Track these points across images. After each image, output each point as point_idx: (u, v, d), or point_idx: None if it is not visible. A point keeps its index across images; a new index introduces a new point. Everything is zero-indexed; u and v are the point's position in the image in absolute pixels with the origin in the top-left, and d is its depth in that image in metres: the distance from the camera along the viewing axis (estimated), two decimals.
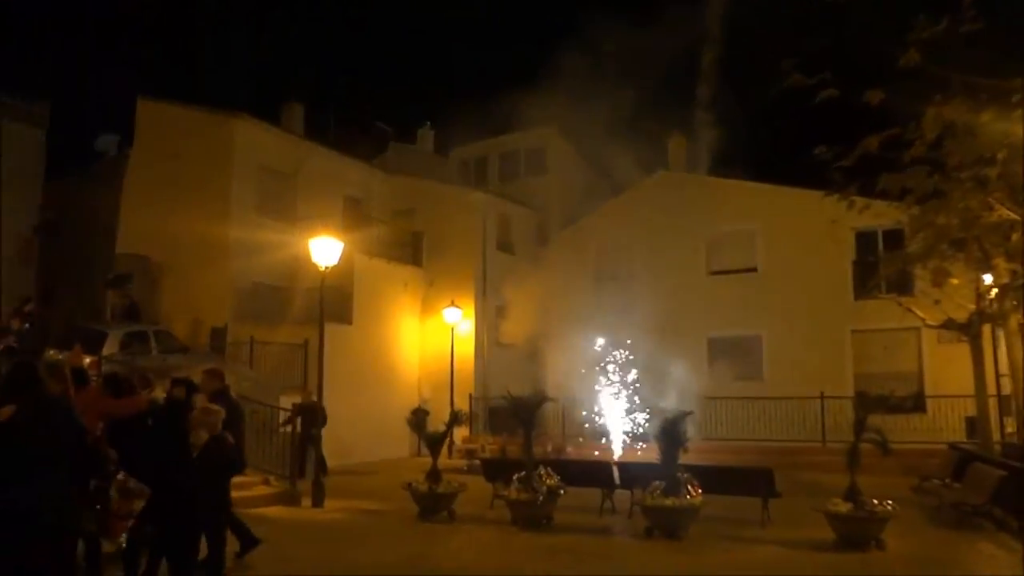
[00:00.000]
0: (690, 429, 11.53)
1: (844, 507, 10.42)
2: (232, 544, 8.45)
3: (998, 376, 18.57)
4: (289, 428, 15.47)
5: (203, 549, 6.94)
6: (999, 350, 19.13)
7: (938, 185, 9.22)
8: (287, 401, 17.01)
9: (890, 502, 10.52)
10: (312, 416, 15.95)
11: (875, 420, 11.55)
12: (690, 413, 11.81)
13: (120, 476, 7.34)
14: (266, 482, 14.31)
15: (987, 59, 6.14)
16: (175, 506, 6.47)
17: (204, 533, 6.83)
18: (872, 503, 10.33)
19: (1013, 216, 10.29)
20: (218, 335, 20.48)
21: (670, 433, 11.32)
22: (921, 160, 8.26)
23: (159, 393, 8.84)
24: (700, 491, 11.23)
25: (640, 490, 11.52)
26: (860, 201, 10.23)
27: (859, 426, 10.91)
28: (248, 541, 9.23)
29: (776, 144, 36.10)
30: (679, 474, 11.24)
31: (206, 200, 21.23)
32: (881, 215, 15.07)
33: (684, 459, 11.60)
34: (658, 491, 11.07)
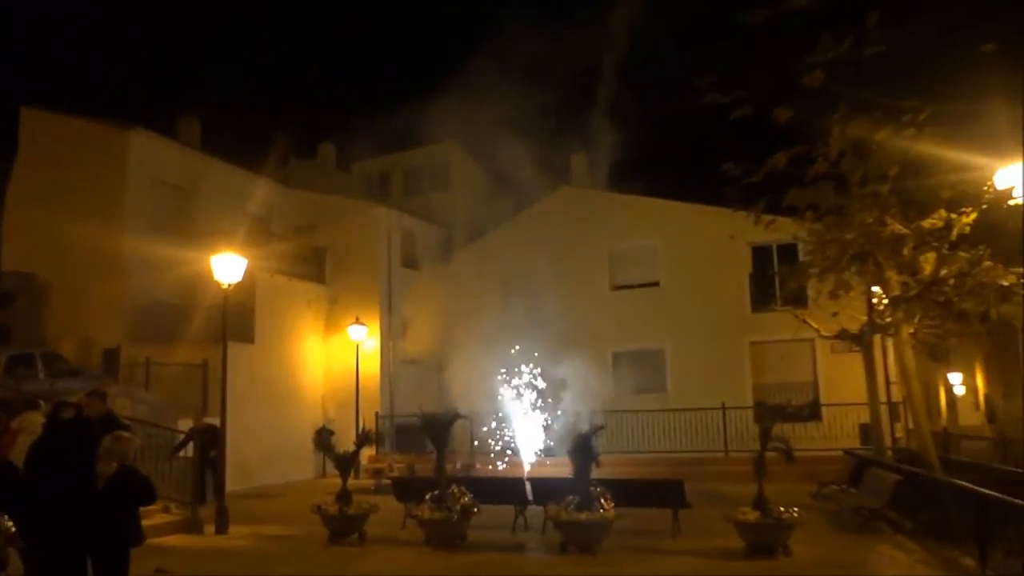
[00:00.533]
0: (600, 443, 11.62)
1: (752, 515, 10.66)
2: None
3: (888, 384, 19.42)
4: (183, 453, 14.89)
5: None
6: (888, 359, 20.06)
7: (839, 201, 9.59)
8: (186, 424, 16.39)
9: (796, 509, 10.81)
10: (211, 439, 15.40)
11: (775, 429, 11.85)
12: (601, 427, 11.90)
13: None
14: (166, 510, 13.71)
15: (889, 79, 6.41)
16: (59, 542, 6.04)
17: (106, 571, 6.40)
18: (779, 510, 10.60)
19: (905, 231, 10.79)
20: (111, 356, 19.60)
21: (583, 448, 11.37)
22: (824, 176, 8.57)
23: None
24: (612, 504, 11.32)
25: (554, 505, 11.52)
26: (766, 217, 10.55)
27: (764, 435, 11.18)
28: None
29: (676, 160, 37.10)
30: (592, 488, 11.29)
31: (98, 215, 20.28)
32: (778, 230, 15.65)
33: (594, 473, 11.68)
34: (572, 506, 11.09)
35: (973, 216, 10.48)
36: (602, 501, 11.18)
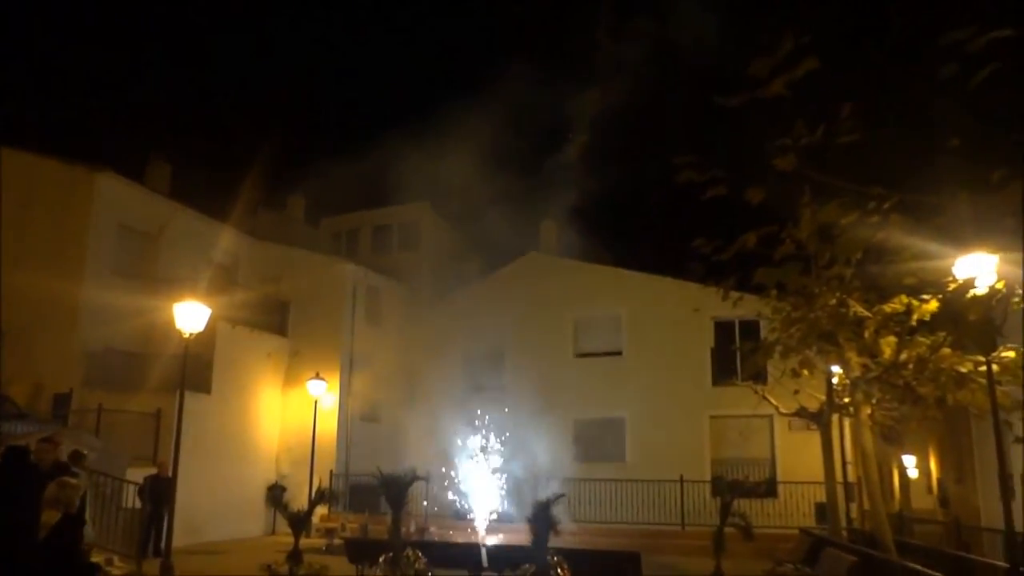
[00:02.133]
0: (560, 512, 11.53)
1: None
2: None
3: (845, 463, 19.57)
4: (129, 504, 14.52)
5: None
6: (845, 439, 20.25)
7: (805, 282, 9.77)
8: (135, 474, 16.00)
9: None
10: (165, 490, 15.05)
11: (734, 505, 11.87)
12: (562, 495, 11.82)
13: None
14: (109, 562, 13.28)
15: (859, 167, 6.62)
16: None
17: None
18: None
19: (867, 314, 11.00)
20: (61, 401, 19.12)
21: (542, 516, 11.26)
22: (792, 257, 8.76)
23: None
24: (570, 574, 11.18)
25: (509, 573, 11.34)
26: (734, 294, 10.72)
27: (724, 510, 11.18)
28: None
29: (643, 233, 37.67)
30: (550, 557, 11.16)
31: (59, 257, 19.97)
32: (743, 307, 15.87)
33: (552, 541, 11.55)
34: (528, 574, 10.93)
35: (933, 304, 10.73)
36: (559, 570, 11.04)
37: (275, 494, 20.70)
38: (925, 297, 10.82)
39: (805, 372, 14.18)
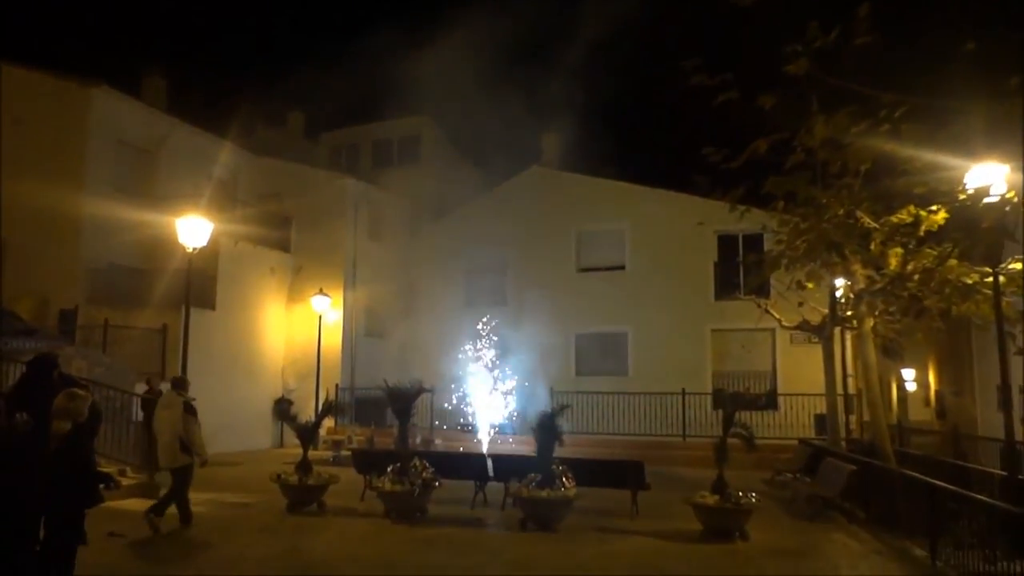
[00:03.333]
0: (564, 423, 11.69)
1: (711, 499, 10.79)
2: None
3: (845, 376, 19.73)
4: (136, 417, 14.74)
5: None
6: (847, 352, 20.38)
7: (815, 192, 9.65)
8: (143, 388, 16.19)
9: (754, 494, 10.96)
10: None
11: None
12: (566, 407, 11.96)
13: None
14: (122, 473, 13.50)
15: (872, 71, 6.45)
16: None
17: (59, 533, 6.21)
18: (737, 495, 10.73)
19: (873, 225, 10.92)
20: (67, 317, 19.22)
21: (547, 427, 11.41)
22: (801, 166, 8.62)
23: None
24: (574, 483, 11.38)
25: (515, 482, 11.55)
26: (740, 207, 10.62)
27: (727, 421, 11.29)
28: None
29: (648, 145, 37.21)
30: (554, 467, 11.34)
31: (58, 173, 19.75)
32: (748, 220, 15.80)
33: (556, 452, 11.74)
34: (533, 483, 11.13)
35: (942, 214, 10.63)
36: (563, 479, 11.24)
37: (282, 407, 21.00)
38: (934, 208, 10.72)
39: (810, 285, 14.18)
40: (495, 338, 21.61)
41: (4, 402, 7.19)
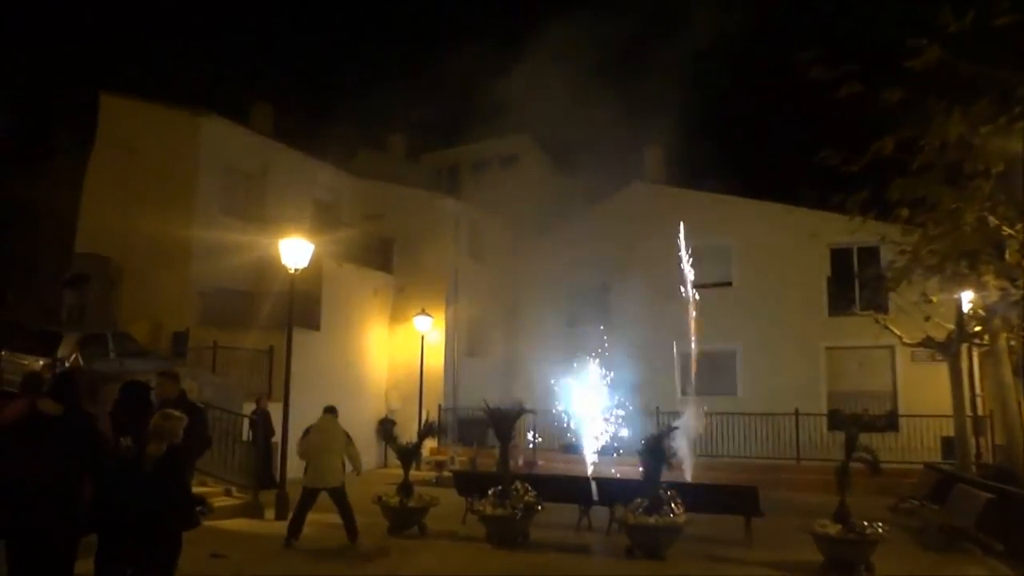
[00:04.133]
0: (681, 445, 11.17)
1: (833, 528, 10.06)
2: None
3: (974, 396, 18.48)
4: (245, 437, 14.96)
5: None
6: (974, 370, 19.10)
7: (948, 194, 8.87)
8: (251, 409, 16.42)
9: (881, 524, 10.19)
10: (264, 423, 15.51)
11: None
12: (675, 428, 11.44)
13: None
14: (228, 493, 13.69)
15: (1020, 56, 5.80)
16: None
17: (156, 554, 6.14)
18: (862, 525, 9.99)
19: (1009, 231, 10.04)
20: (180, 340, 19.70)
21: (654, 449, 10.91)
22: (928, 167, 7.90)
23: None
24: (683, 509, 10.84)
25: (621, 507, 11.08)
26: (860, 216, 9.91)
27: (850, 444, 10.54)
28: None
29: (752, 157, 36.18)
30: (662, 491, 10.83)
31: (169, 200, 20.40)
32: (862, 231, 14.95)
33: (663, 476, 11.22)
34: (640, 508, 10.64)
35: None
36: (672, 505, 10.71)
37: (385, 428, 20.96)
38: None
39: (934, 299, 13.26)
40: (598, 357, 21.13)
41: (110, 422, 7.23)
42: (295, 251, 14.62)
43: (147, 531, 5.95)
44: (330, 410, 12.25)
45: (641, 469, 11.15)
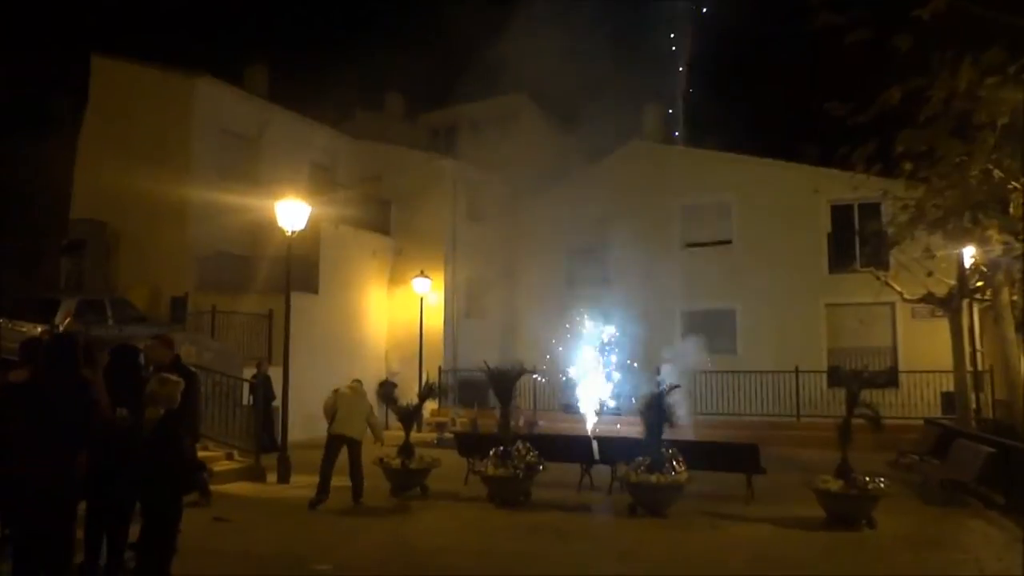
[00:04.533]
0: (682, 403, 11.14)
1: (835, 484, 10.07)
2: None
3: (975, 352, 18.45)
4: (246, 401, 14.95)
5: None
6: (975, 326, 19.07)
7: (956, 145, 8.69)
8: (251, 372, 16.39)
9: (882, 479, 10.20)
10: (263, 387, 15.49)
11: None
12: (676, 387, 11.40)
13: None
14: (230, 457, 13.70)
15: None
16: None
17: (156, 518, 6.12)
18: (863, 480, 9.99)
19: (1015, 184, 9.90)
20: (178, 305, 19.67)
21: (656, 408, 10.89)
22: (936, 118, 7.73)
23: None
24: (685, 467, 10.84)
25: (623, 466, 11.09)
26: (859, 176, 9.75)
27: (852, 400, 10.52)
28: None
29: (751, 113, 35.85)
30: (664, 450, 10.82)
31: (165, 163, 20.16)
32: (863, 187, 14.83)
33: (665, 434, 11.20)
34: (643, 467, 10.64)
35: None
36: (674, 463, 10.70)
37: (386, 390, 20.94)
38: None
39: (937, 254, 13.17)
40: (598, 317, 21.06)
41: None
42: (292, 213, 14.49)
43: (147, 496, 5.94)
44: (358, 381, 12.68)
45: (643, 427, 11.13)
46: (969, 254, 14.85)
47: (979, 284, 15.05)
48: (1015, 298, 13.20)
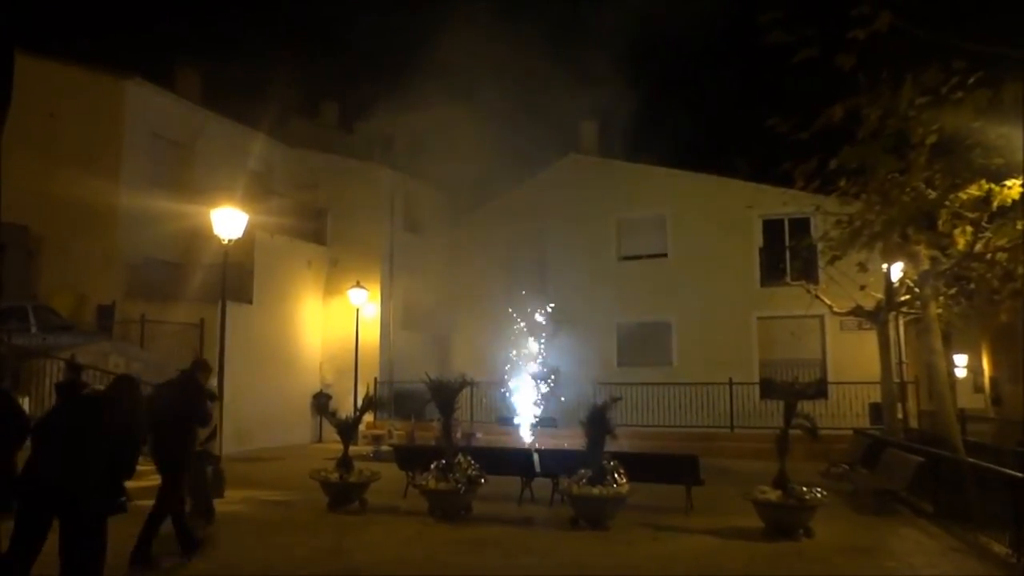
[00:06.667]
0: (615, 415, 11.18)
1: (774, 495, 10.20)
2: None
3: (901, 363, 19.00)
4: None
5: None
6: (901, 338, 19.66)
7: (894, 163, 8.95)
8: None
9: (819, 489, 10.38)
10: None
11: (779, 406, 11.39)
12: (618, 399, 11.45)
13: None
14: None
15: (973, 23, 5.83)
16: None
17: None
18: (801, 490, 10.15)
19: (945, 202, 10.21)
20: (105, 313, 19.07)
21: (597, 420, 10.90)
22: (876, 135, 7.95)
23: None
24: (626, 479, 10.86)
25: (565, 478, 11.07)
26: (788, 192, 9.96)
27: (789, 412, 10.69)
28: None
29: (686, 130, 36.46)
30: (605, 462, 10.83)
31: (93, 167, 19.50)
32: (792, 202, 15.24)
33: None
34: (584, 479, 10.63)
35: (1017, 188, 9.91)
36: (615, 475, 10.72)
37: (320, 402, 20.74)
38: (1008, 183, 10.00)
39: (870, 268, 13.53)
40: (536, 329, 21.10)
41: None
42: (229, 222, 14.18)
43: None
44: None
45: (584, 439, 11.13)
46: (898, 268, 15.29)
47: (906, 298, 15.47)
48: (941, 311, 13.60)
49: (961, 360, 30.82)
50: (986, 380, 30.73)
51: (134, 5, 53.69)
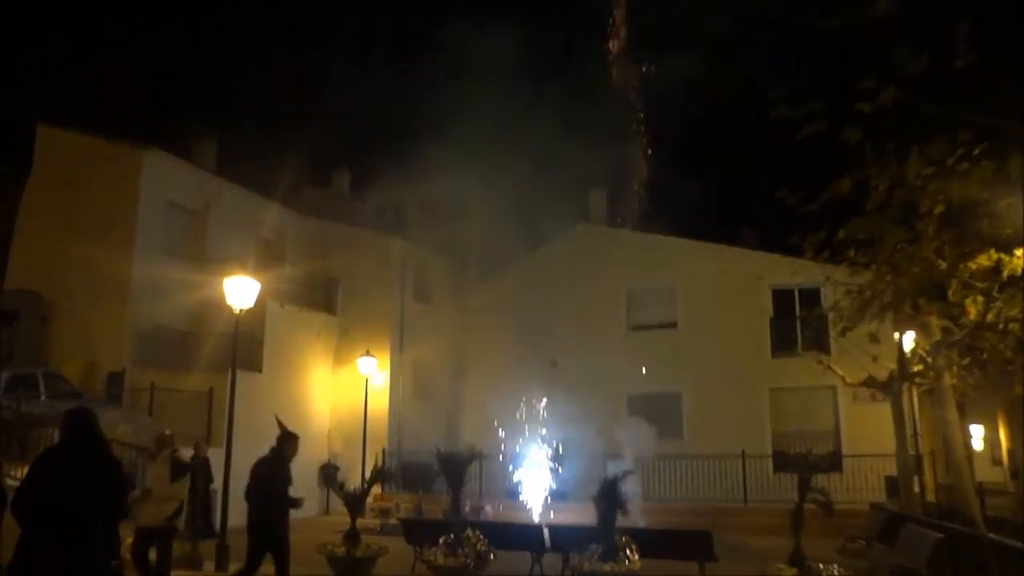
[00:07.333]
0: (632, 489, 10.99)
1: (790, 572, 9.97)
2: None
3: (917, 435, 18.73)
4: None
5: None
6: (915, 409, 19.40)
7: (903, 233, 8.98)
8: (188, 454, 15.80)
9: (836, 567, 10.13)
10: (201, 470, 14.90)
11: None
12: (630, 473, 11.28)
13: None
14: None
15: (978, 96, 5.90)
16: None
17: None
18: (818, 568, 9.92)
19: (954, 272, 10.20)
20: (115, 381, 19.05)
21: (609, 494, 10.72)
22: (884, 207, 8.00)
23: None
24: (638, 555, 10.64)
25: (575, 554, 10.84)
26: (800, 262, 9.98)
27: (804, 486, 10.51)
28: None
29: (696, 201, 36.72)
30: (617, 537, 10.62)
31: (108, 235, 19.77)
32: (802, 273, 15.18)
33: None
34: (596, 556, 10.41)
35: None
36: (628, 551, 10.50)
37: (328, 473, 20.49)
38: (1018, 253, 9.98)
39: (882, 339, 13.43)
40: (546, 400, 20.95)
41: None
42: (241, 291, 14.21)
43: None
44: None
45: (596, 514, 10.93)
46: (909, 339, 15.18)
47: (919, 368, 15.33)
48: (955, 382, 13.45)
49: (978, 431, 30.31)
50: (1004, 452, 30.20)
51: (151, 76, 54.98)
